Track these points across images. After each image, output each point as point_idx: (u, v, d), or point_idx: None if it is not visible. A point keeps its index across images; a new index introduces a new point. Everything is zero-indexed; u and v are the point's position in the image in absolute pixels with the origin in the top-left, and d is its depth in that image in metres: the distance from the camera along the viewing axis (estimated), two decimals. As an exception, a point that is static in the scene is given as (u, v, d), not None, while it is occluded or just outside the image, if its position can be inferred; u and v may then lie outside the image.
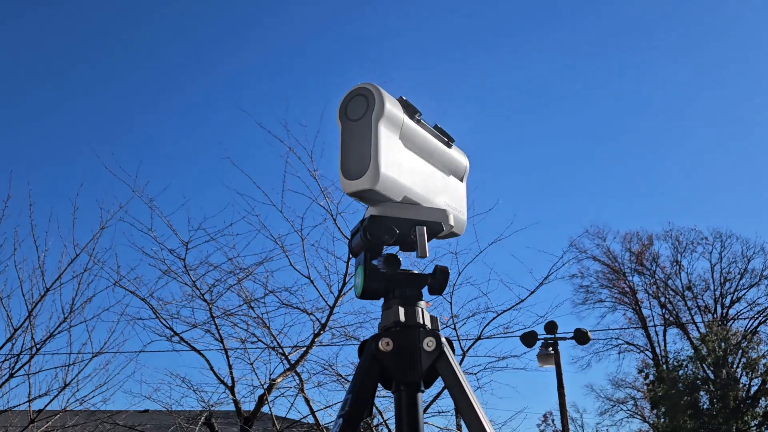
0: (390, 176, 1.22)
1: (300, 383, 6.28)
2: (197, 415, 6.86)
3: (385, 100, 1.23)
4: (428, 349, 1.24)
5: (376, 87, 1.25)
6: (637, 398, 24.96)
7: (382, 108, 1.23)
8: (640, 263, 25.91)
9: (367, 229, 1.24)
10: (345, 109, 1.27)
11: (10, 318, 6.10)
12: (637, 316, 25.75)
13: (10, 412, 6.37)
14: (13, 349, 6.05)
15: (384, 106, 1.23)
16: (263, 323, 6.37)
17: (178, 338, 6.43)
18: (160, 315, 6.45)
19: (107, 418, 6.96)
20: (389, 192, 1.24)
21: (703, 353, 21.44)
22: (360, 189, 1.22)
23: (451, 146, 1.41)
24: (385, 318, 1.27)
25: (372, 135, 1.22)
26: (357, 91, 1.27)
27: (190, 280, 6.35)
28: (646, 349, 25.31)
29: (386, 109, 1.23)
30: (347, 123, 1.26)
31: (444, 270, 1.30)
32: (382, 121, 1.23)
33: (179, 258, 6.36)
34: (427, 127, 1.34)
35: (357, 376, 1.23)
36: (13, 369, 6.04)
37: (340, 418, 1.19)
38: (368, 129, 1.22)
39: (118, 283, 6.34)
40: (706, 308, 24.88)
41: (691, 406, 20.78)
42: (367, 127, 1.23)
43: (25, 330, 6.07)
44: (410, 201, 1.28)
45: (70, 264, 6.25)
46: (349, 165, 1.24)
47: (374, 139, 1.21)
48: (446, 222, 1.32)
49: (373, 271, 1.26)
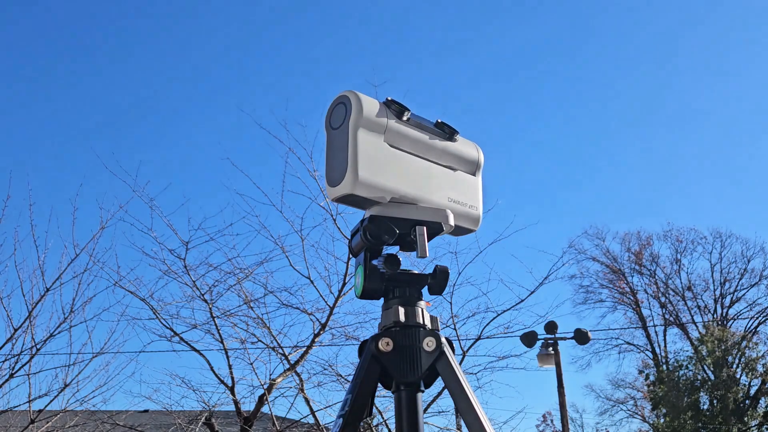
0: (369, 179, 1.23)
1: (300, 383, 6.27)
2: (197, 415, 6.87)
3: (363, 106, 1.24)
4: (428, 349, 1.24)
5: (354, 94, 1.26)
6: (637, 398, 24.99)
7: (359, 114, 1.24)
8: (639, 263, 25.92)
9: (367, 229, 1.25)
10: (329, 118, 1.30)
11: (10, 318, 6.11)
12: (637, 316, 25.76)
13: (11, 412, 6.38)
14: (13, 349, 6.07)
15: (362, 111, 1.24)
16: (263, 323, 6.36)
17: (178, 338, 6.41)
18: (160, 315, 6.43)
19: (107, 418, 6.96)
20: (372, 194, 1.24)
21: (703, 354, 21.45)
22: (341, 194, 1.24)
23: (455, 140, 1.39)
24: (385, 318, 1.28)
25: (350, 141, 1.23)
26: (338, 99, 1.28)
27: (190, 280, 6.34)
28: (646, 349, 25.33)
29: (364, 115, 1.24)
30: (330, 132, 1.29)
31: (444, 270, 1.31)
32: (361, 126, 1.24)
33: (179, 258, 6.34)
34: (420, 125, 1.33)
35: (357, 376, 1.24)
36: (13, 369, 6.05)
37: (340, 418, 1.19)
38: (346, 136, 1.24)
39: (118, 283, 6.33)
40: (706, 308, 24.90)
41: (691, 406, 20.79)
42: (345, 134, 1.24)
43: (26, 330, 6.08)
44: (401, 201, 1.28)
45: (70, 264, 6.27)
46: (331, 172, 1.26)
47: (352, 145, 1.23)
48: (446, 221, 1.32)
49: (373, 271, 1.26)
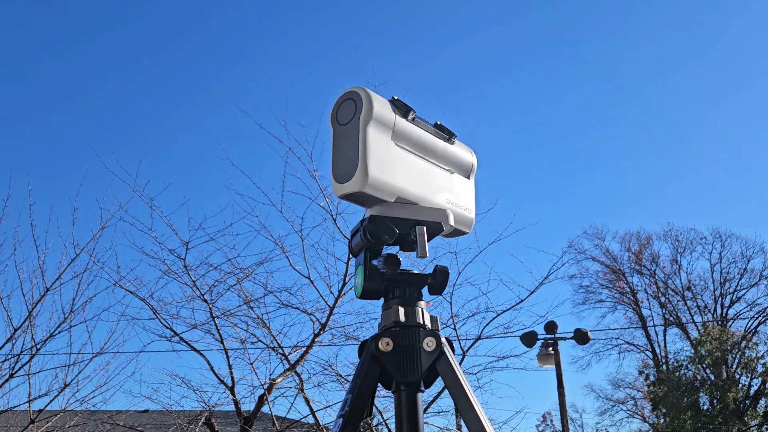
0: (379, 178, 1.22)
1: (300, 383, 6.27)
2: (197, 415, 6.87)
3: (373, 103, 1.23)
4: (428, 349, 1.24)
5: (364, 90, 1.25)
6: (637, 398, 24.99)
7: (370, 110, 1.23)
8: (639, 263, 25.92)
9: (367, 229, 1.24)
10: (336, 113, 1.28)
11: (10, 318, 6.12)
12: (637, 316, 25.77)
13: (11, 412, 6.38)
14: (13, 349, 6.07)
15: (372, 108, 1.23)
16: (263, 323, 6.36)
17: (178, 338, 6.42)
18: (160, 315, 6.43)
19: (107, 418, 6.97)
20: (380, 193, 1.24)
21: (703, 354, 21.45)
22: (349, 192, 1.23)
23: (453, 143, 1.39)
24: (385, 318, 1.27)
25: (360, 138, 1.22)
26: (347, 95, 1.27)
27: (190, 280, 6.34)
28: (646, 349, 25.34)
29: (375, 112, 1.23)
30: (338, 127, 1.27)
31: (444, 270, 1.31)
32: (371, 123, 1.23)
33: (179, 258, 6.34)
34: (423, 125, 1.33)
35: (357, 376, 1.23)
36: (13, 369, 6.05)
37: (340, 418, 1.19)
38: (356, 132, 1.23)
39: (118, 283, 6.33)
40: (706, 308, 24.90)
41: (691, 406, 20.79)
42: (355, 131, 1.23)
43: (26, 330, 6.08)
44: (405, 201, 1.28)
45: (70, 264, 6.27)
46: (339, 169, 1.25)
47: (362, 141, 1.22)
48: (446, 222, 1.32)
49: (373, 271, 1.26)
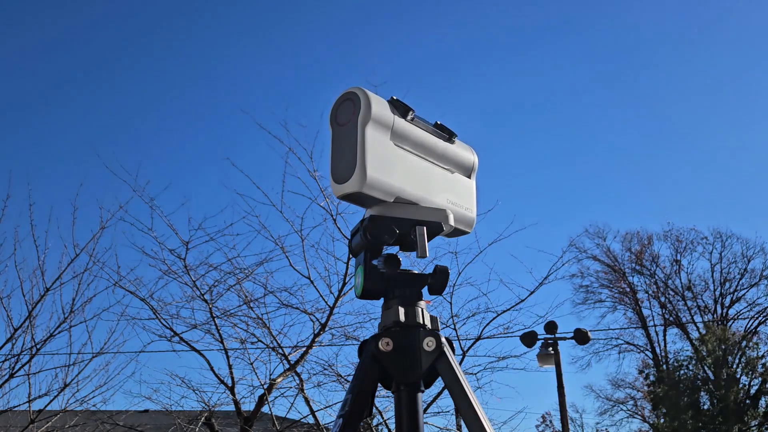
0: (377, 178, 1.23)
1: (300, 383, 6.27)
2: (197, 415, 6.85)
3: (371, 103, 1.23)
4: (428, 349, 1.24)
5: (362, 90, 1.25)
6: (637, 398, 24.98)
7: (368, 111, 1.23)
8: (639, 263, 25.92)
9: (367, 229, 1.24)
10: (335, 114, 1.28)
11: (10, 318, 6.10)
12: (637, 316, 25.76)
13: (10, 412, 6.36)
14: (13, 349, 6.06)
15: (370, 108, 1.23)
16: (263, 323, 6.35)
17: (178, 338, 6.41)
18: (160, 315, 6.42)
19: (107, 418, 6.95)
20: (378, 193, 1.24)
21: (703, 353, 21.46)
22: (348, 192, 1.23)
23: (453, 142, 1.39)
24: (385, 318, 1.27)
25: (358, 138, 1.22)
26: (345, 96, 1.27)
27: (190, 280, 6.33)
28: (646, 349, 25.32)
29: (373, 112, 1.23)
30: (336, 128, 1.28)
31: (444, 270, 1.30)
32: (370, 123, 1.23)
33: (179, 258, 6.33)
34: (423, 125, 1.33)
35: (357, 376, 1.23)
36: (13, 369, 6.04)
37: (340, 418, 1.19)
38: (355, 133, 1.23)
39: (118, 283, 6.31)
40: (706, 308, 24.89)
41: (691, 406, 20.79)
42: (353, 131, 1.23)
43: (25, 330, 6.07)
44: (404, 201, 1.28)
45: (70, 264, 6.25)
46: (337, 169, 1.25)
47: (360, 142, 1.22)
48: (446, 221, 1.32)
49: (373, 271, 1.25)
